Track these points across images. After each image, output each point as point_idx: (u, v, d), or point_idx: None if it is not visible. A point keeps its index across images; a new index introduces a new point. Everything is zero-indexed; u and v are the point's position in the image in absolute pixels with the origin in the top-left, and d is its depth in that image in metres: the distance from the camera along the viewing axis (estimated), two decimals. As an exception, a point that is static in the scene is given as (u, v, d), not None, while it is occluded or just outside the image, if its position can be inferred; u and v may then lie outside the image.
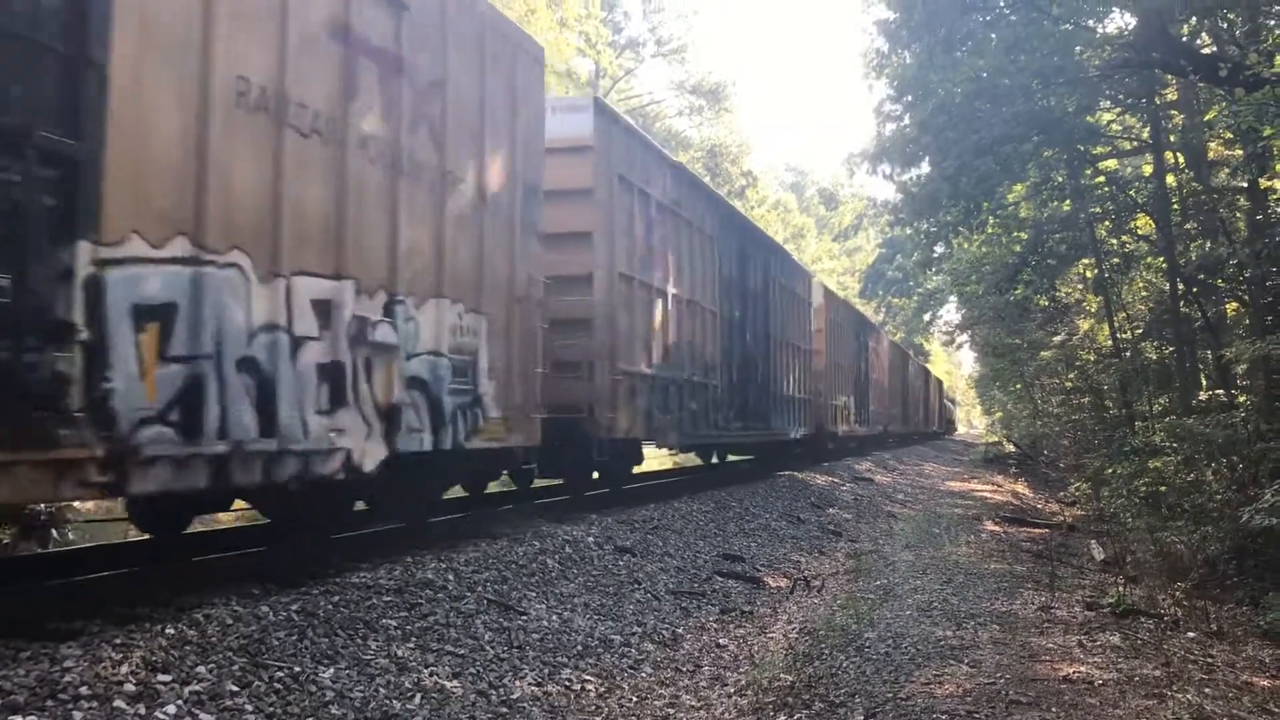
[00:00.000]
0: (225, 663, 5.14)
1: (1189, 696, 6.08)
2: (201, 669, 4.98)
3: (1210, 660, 7.34)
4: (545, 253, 10.44)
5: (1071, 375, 26.64)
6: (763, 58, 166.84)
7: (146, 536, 8.03)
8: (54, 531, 9.18)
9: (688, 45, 51.16)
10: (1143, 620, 8.54)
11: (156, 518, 7.73)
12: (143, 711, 4.44)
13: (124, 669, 4.71)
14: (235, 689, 4.93)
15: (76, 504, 9.92)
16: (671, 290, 14.30)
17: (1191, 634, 8.22)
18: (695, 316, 15.43)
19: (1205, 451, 13.19)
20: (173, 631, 5.26)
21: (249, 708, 4.83)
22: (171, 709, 4.54)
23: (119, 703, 4.43)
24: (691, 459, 22.91)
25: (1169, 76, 16.27)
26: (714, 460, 21.50)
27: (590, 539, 10.33)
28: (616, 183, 12.43)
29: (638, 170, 13.18)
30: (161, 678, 4.77)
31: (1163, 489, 13.80)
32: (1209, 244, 17.74)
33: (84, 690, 4.42)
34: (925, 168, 17.78)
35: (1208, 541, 11.20)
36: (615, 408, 12.15)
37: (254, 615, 5.81)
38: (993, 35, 15.24)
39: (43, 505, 9.10)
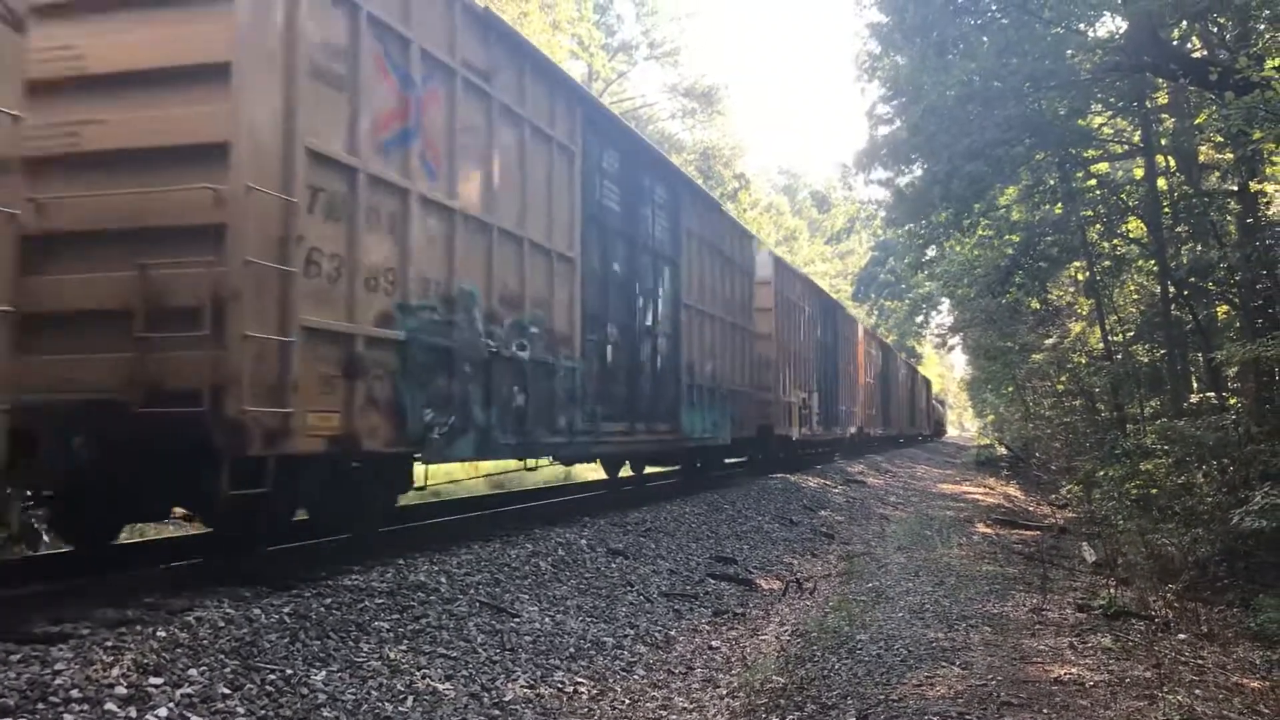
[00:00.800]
0: (217, 665, 5.13)
1: (1180, 698, 6.10)
2: (193, 671, 4.98)
3: (1201, 662, 7.37)
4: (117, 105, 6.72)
5: (1063, 378, 26.69)
6: (756, 61, 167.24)
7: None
8: (44, 535, 9.10)
9: (681, 48, 51.33)
10: (1134, 622, 8.57)
11: (83, 528, 7.38)
12: (134, 714, 4.43)
13: (115, 671, 4.70)
14: (227, 691, 4.93)
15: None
16: (468, 210, 9.03)
17: (1182, 635, 8.25)
18: (526, 259, 10.11)
19: (1196, 454, 13.22)
20: (164, 634, 5.25)
21: (241, 710, 4.82)
22: (163, 711, 4.53)
23: (110, 705, 4.42)
24: (593, 470, 18.75)
25: (1160, 80, 16.34)
26: (622, 473, 17.10)
27: (583, 541, 10.33)
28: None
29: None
30: (153, 680, 4.76)
31: (1154, 491, 13.83)
32: (1200, 247, 17.81)
33: (75, 693, 4.41)
34: (917, 170, 17.83)
35: (1198, 543, 11.23)
36: (283, 394, 6.60)
37: (246, 618, 5.80)
38: (984, 38, 15.28)
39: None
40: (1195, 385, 19.08)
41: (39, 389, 6.16)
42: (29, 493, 7.47)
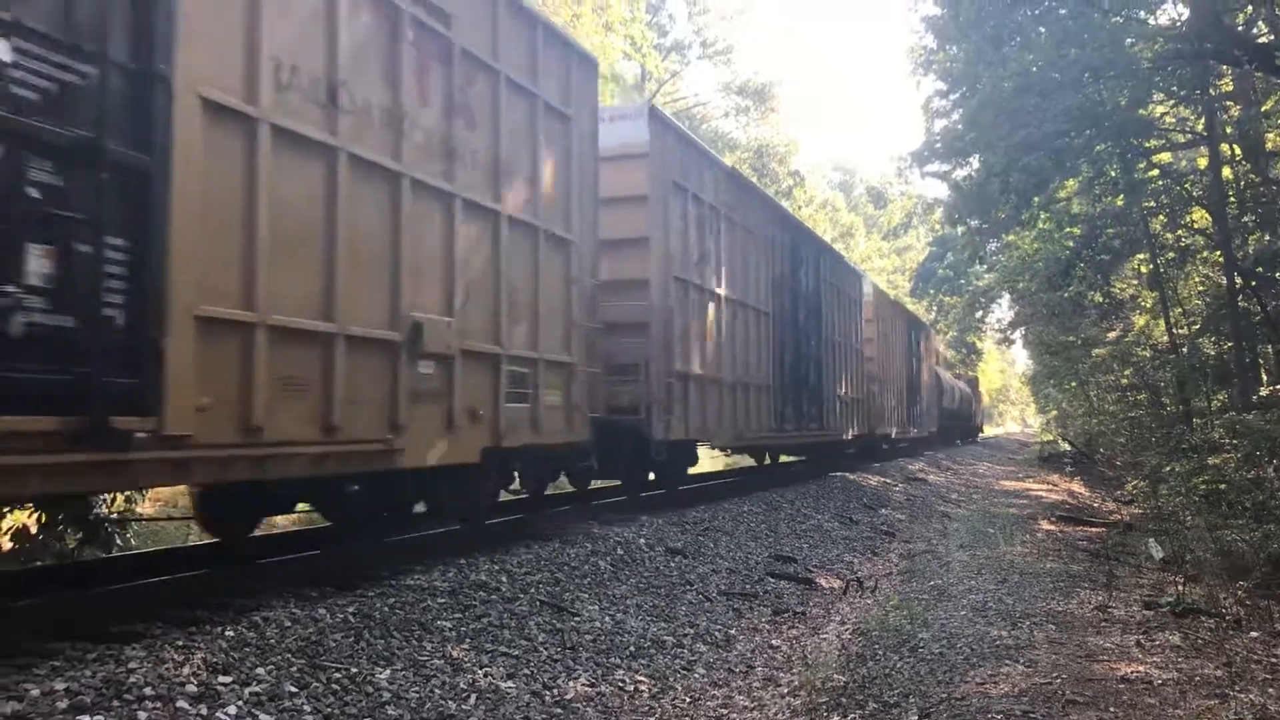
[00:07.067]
0: (284, 664, 5.22)
1: (1252, 696, 5.98)
2: (261, 670, 5.07)
3: (1274, 660, 7.20)
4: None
5: (1127, 372, 26.26)
6: (808, 56, 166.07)
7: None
8: (117, 537, 9.34)
9: (733, 46, 51.08)
10: (1203, 619, 8.40)
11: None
12: (204, 712, 4.53)
13: (186, 670, 4.81)
14: (294, 690, 5.02)
15: (136, 506, 10.09)
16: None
17: (1254, 633, 8.07)
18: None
19: (1267, 448, 12.93)
20: (232, 634, 5.35)
21: (308, 708, 4.90)
22: (232, 709, 4.62)
23: (182, 703, 4.52)
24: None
25: (1224, 67, 16.01)
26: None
27: (642, 540, 10.36)
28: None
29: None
30: (222, 679, 4.86)
31: (1222, 486, 13.54)
32: (1267, 237, 17.42)
33: (148, 691, 4.52)
34: (975, 164, 17.64)
35: (1270, 540, 10.97)
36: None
37: (311, 617, 5.90)
38: (1041, 29, 15.07)
39: (106, 508, 9.26)
40: (1264, 378, 18.67)
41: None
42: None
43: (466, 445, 8.10)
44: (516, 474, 10.18)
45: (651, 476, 13.60)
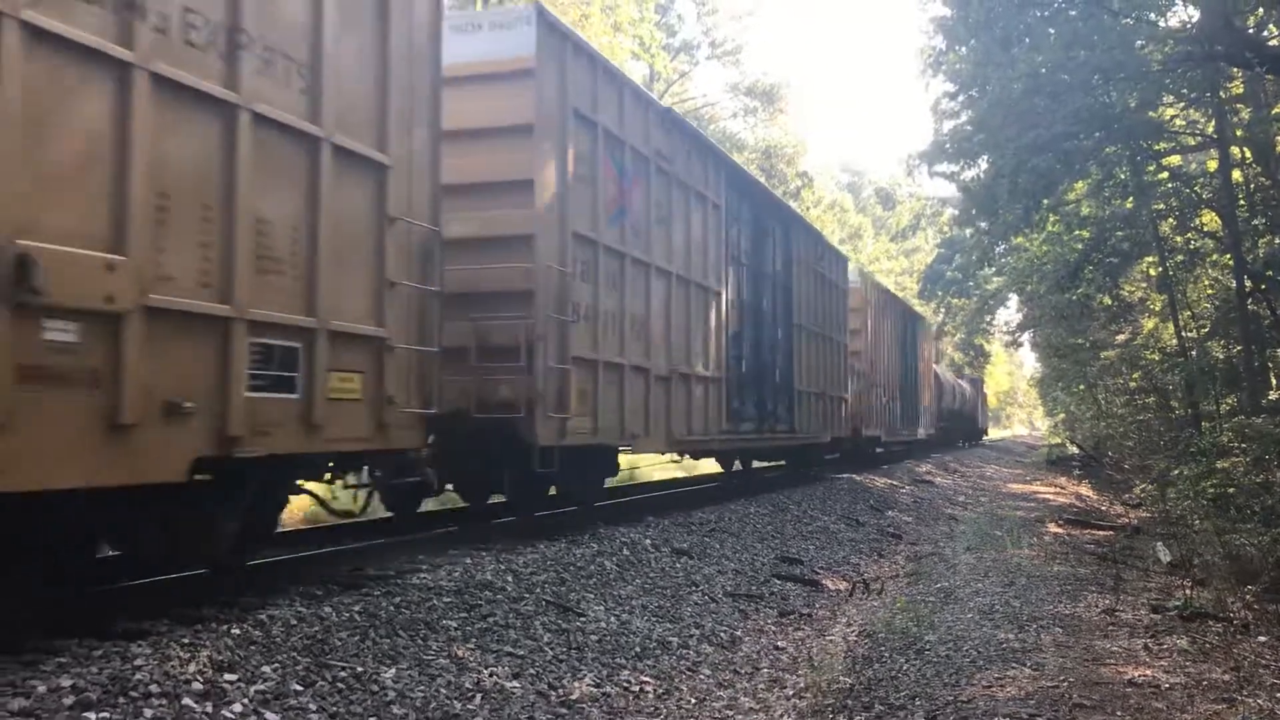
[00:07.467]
0: (290, 662, 5.22)
1: (1260, 701, 5.96)
2: (266, 668, 5.07)
3: (1282, 664, 7.18)
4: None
5: (1136, 375, 26.16)
6: (817, 58, 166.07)
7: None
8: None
9: (742, 47, 51.00)
10: (1211, 624, 8.37)
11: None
12: (210, 709, 4.53)
13: (192, 668, 4.81)
14: (299, 688, 5.02)
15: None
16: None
17: (1262, 638, 8.04)
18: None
19: (1275, 452, 12.89)
20: (238, 632, 5.36)
21: (313, 706, 4.90)
22: (238, 707, 4.62)
23: (187, 701, 4.52)
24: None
25: (1235, 70, 15.95)
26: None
27: (648, 541, 10.35)
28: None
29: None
30: (228, 677, 4.86)
31: (1231, 490, 13.50)
32: (1277, 240, 17.35)
33: (154, 688, 4.52)
34: (984, 165, 17.60)
35: (1278, 544, 10.95)
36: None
37: (317, 616, 5.90)
38: (1051, 31, 15.04)
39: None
40: (1274, 382, 18.60)
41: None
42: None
43: (157, 456, 5.22)
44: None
45: (554, 491, 10.90)
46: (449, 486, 10.45)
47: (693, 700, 6.57)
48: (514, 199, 9.26)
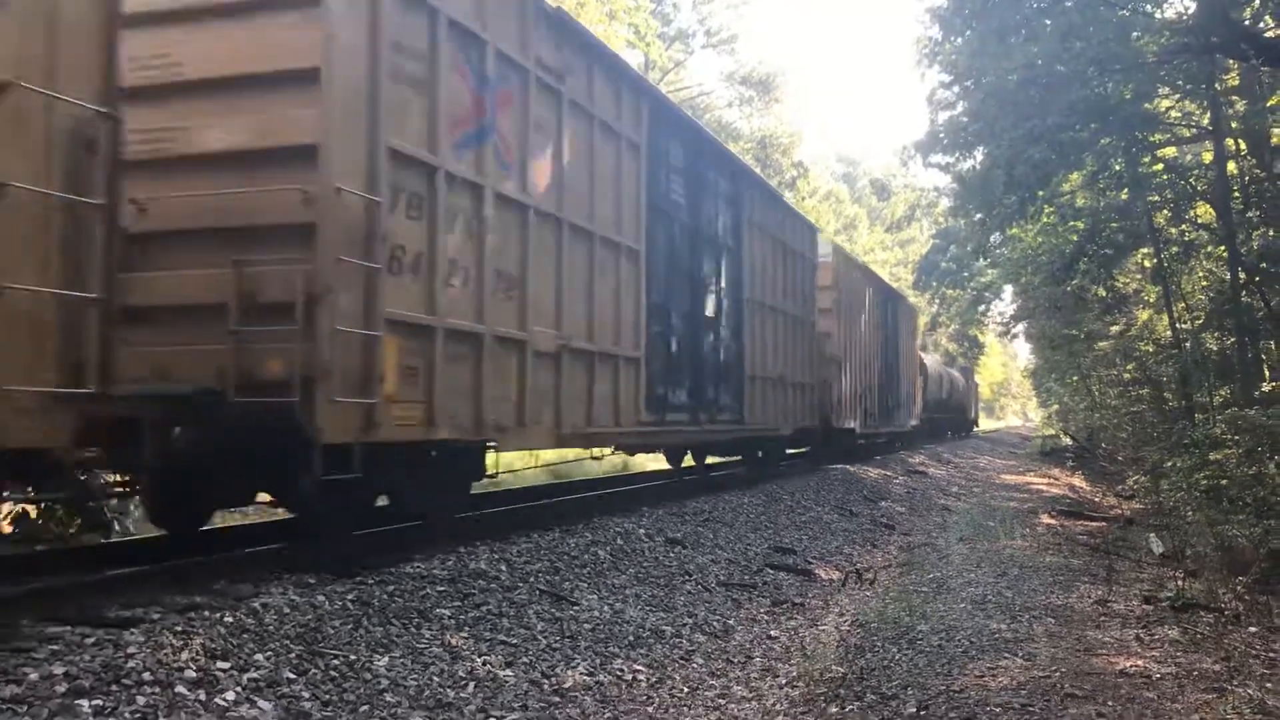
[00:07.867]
0: (283, 650, 5.23)
1: (1250, 691, 5.98)
2: (259, 656, 5.08)
3: (1272, 655, 7.20)
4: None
5: (1130, 367, 26.20)
6: (813, 47, 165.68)
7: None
8: (116, 524, 9.31)
9: (737, 35, 50.95)
10: (1202, 614, 8.40)
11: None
12: (203, 697, 4.53)
13: (185, 655, 4.81)
14: (292, 676, 5.02)
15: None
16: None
17: (1253, 628, 8.07)
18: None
19: (1268, 444, 12.91)
20: (231, 620, 5.36)
21: (306, 694, 4.91)
22: (231, 695, 4.63)
23: (180, 688, 4.53)
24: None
25: (1230, 62, 15.94)
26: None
27: (641, 530, 10.36)
28: None
29: None
30: (221, 664, 4.86)
31: (1224, 482, 13.51)
32: (1271, 232, 17.35)
33: (147, 676, 4.52)
34: (979, 156, 17.59)
35: (1270, 535, 10.96)
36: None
37: (310, 604, 5.91)
38: (1047, 22, 15.01)
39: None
40: (1267, 374, 18.63)
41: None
42: (115, 479, 7.49)
43: None
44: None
45: (383, 501, 8.39)
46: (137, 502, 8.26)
47: (685, 689, 6.59)
48: (295, 96, 6.69)
